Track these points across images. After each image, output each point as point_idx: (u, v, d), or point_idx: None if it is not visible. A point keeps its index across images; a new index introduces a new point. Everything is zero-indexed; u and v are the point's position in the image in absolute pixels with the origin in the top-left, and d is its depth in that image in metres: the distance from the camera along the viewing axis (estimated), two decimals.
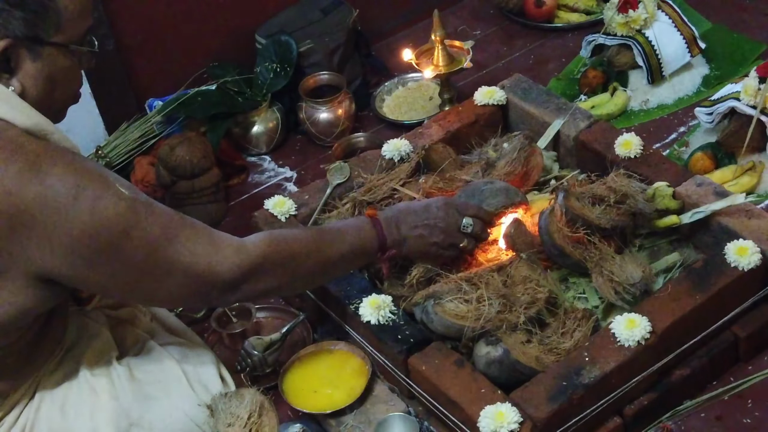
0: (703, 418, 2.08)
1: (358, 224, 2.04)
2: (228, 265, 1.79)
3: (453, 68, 2.89)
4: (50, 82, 1.77)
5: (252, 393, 1.83)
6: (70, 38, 1.77)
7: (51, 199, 1.65)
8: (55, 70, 1.77)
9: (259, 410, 1.80)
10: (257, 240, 1.86)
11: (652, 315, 2.01)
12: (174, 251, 1.75)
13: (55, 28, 1.74)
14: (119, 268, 1.72)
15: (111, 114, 2.96)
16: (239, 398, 1.81)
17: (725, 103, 2.59)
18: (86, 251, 1.68)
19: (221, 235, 1.82)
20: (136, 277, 1.75)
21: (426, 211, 2.10)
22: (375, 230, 2.03)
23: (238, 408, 1.79)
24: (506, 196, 2.26)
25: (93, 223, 1.66)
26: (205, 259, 1.77)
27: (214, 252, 1.78)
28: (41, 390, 1.91)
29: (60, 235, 1.66)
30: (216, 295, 1.82)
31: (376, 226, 2.04)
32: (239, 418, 1.78)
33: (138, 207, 1.72)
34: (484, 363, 2.02)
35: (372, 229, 2.03)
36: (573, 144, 2.51)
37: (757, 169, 2.56)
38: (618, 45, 2.96)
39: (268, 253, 1.85)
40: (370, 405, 2.17)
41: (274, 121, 3.00)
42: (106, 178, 1.71)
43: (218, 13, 3.08)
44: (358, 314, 2.13)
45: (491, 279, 2.11)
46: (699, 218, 2.22)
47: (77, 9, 1.76)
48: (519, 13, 3.36)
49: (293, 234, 1.96)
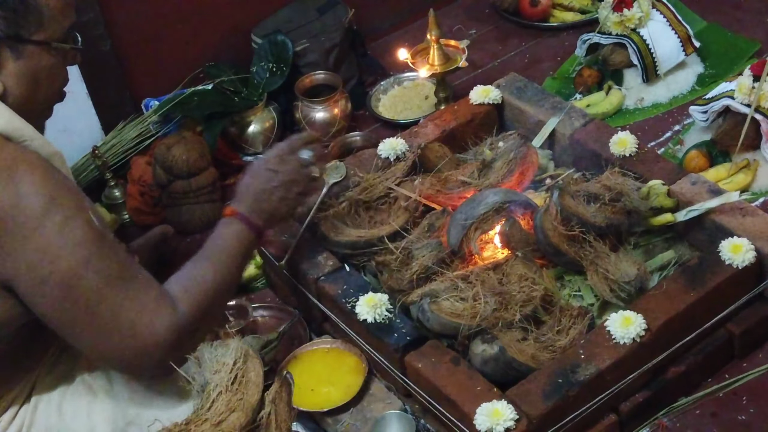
0: (698, 415, 2.09)
1: (233, 232, 1.96)
2: (166, 329, 1.73)
3: (448, 67, 2.90)
4: (33, 80, 1.76)
5: (236, 341, 1.85)
6: (52, 36, 1.75)
7: (24, 208, 1.62)
8: (38, 68, 1.76)
9: (244, 357, 1.81)
10: (178, 299, 1.78)
11: (647, 312, 2.02)
12: (124, 296, 1.69)
13: (36, 26, 1.72)
14: (69, 295, 1.66)
15: (107, 114, 2.97)
16: (224, 347, 1.83)
17: (720, 102, 2.59)
18: (44, 268, 1.64)
19: (164, 294, 1.75)
20: (80, 311, 1.68)
21: (269, 175, 2.05)
22: (247, 226, 1.98)
23: (224, 356, 1.81)
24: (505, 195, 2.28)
25: (58, 241, 1.63)
26: (149, 317, 1.71)
27: (157, 311, 1.72)
28: (38, 389, 1.90)
29: (25, 246, 1.62)
30: (151, 358, 1.73)
31: (246, 222, 1.98)
32: (225, 364, 1.80)
33: (103, 240, 1.68)
34: (480, 361, 2.03)
35: (245, 228, 1.98)
36: (568, 142, 2.52)
37: (752, 167, 2.57)
38: (613, 44, 2.97)
39: (191, 313, 1.78)
40: (367, 403, 2.17)
41: (271, 120, 3.01)
42: (82, 201, 1.68)
43: (214, 12, 3.08)
44: (355, 312, 2.14)
45: (487, 277, 2.12)
46: (694, 216, 2.23)
47: (59, 6, 1.74)
48: (514, 12, 3.37)
49: (197, 279, 1.84)
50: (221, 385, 1.77)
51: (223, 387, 1.77)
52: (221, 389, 1.77)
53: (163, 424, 1.76)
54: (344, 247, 2.34)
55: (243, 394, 1.77)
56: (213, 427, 1.72)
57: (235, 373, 1.79)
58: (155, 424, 1.78)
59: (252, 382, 1.79)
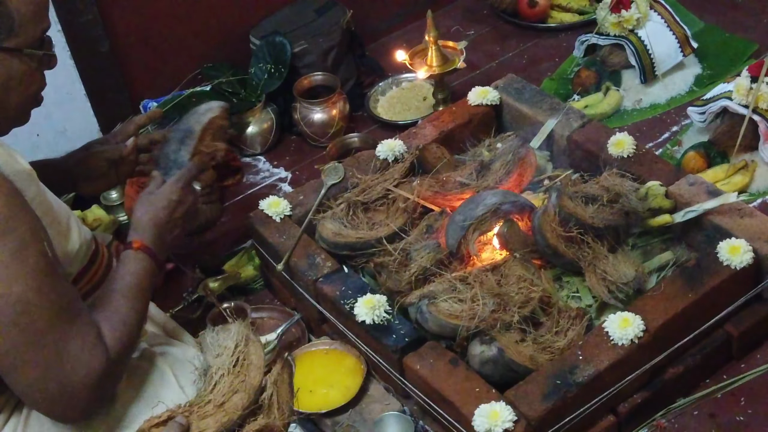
0: (697, 415, 2.09)
1: (143, 267, 1.90)
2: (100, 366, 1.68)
3: (447, 68, 2.90)
4: (4, 88, 1.73)
5: (237, 326, 1.86)
6: (24, 42, 1.72)
7: None
8: (9, 75, 1.72)
9: (245, 340, 1.83)
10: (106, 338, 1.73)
11: (646, 314, 2.02)
12: (70, 330, 1.65)
13: (7, 32, 1.69)
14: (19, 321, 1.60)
15: (106, 115, 2.97)
16: (226, 331, 1.85)
17: (717, 103, 2.60)
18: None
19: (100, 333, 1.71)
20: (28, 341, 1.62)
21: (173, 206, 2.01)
22: (154, 261, 1.93)
23: (226, 339, 1.82)
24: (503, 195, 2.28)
25: (11, 266, 1.59)
26: (87, 354, 1.67)
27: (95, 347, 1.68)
28: None
29: None
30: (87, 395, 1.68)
31: (152, 257, 1.92)
32: (226, 348, 1.81)
33: (55, 272, 1.65)
34: (479, 362, 2.03)
35: (152, 262, 1.92)
36: (566, 144, 2.52)
37: (749, 168, 2.57)
38: (611, 45, 2.97)
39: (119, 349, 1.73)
40: (366, 404, 2.18)
41: (269, 121, 3.01)
42: (37, 229, 1.65)
43: (212, 14, 3.08)
44: (353, 314, 2.14)
45: (485, 278, 2.12)
46: (691, 217, 2.23)
47: (31, 12, 1.71)
48: (512, 13, 3.37)
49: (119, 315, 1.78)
50: (223, 368, 1.79)
51: (225, 370, 1.79)
52: (223, 372, 1.79)
53: (166, 405, 1.77)
54: (343, 249, 2.34)
55: (245, 376, 1.78)
56: (216, 408, 1.74)
57: (236, 356, 1.81)
58: (159, 405, 1.78)
59: (254, 364, 1.81)
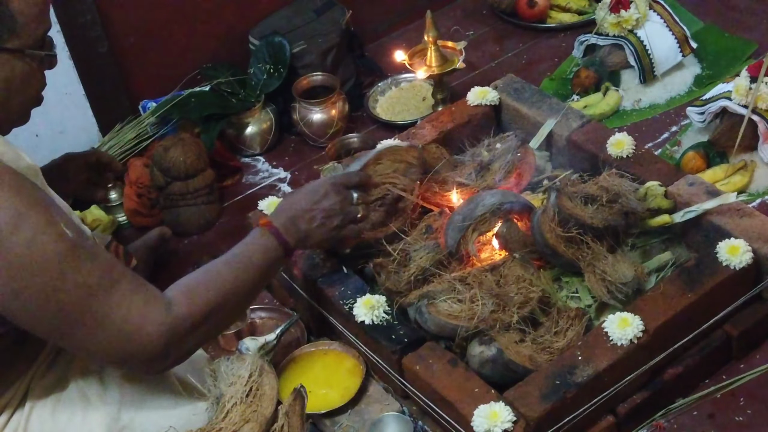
0: (696, 416, 2.09)
1: (261, 242, 1.94)
2: (157, 329, 1.70)
3: (446, 69, 2.90)
4: (6, 88, 1.73)
5: (252, 356, 1.88)
6: (25, 43, 1.73)
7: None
8: (11, 76, 1.73)
9: (259, 371, 1.84)
10: (176, 299, 1.75)
11: (645, 314, 2.02)
12: (108, 303, 1.67)
13: (8, 33, 1.70)
14: (47, 308, 1.64)
15: (105, 115, 2.97)
16: (240, 361, 1.86)
17: (717, 103, 2.60)
18: (16, 283, 1.61)
19: (155, 295, 1.73)
20: (63, 322, 1.66)
21: (317, 199, 2.06)
22: (277, 240, 1.96)
23: (240, 369, 1.84)
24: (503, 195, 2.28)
25: (28, 256, 1.61)
26: (138, 319, 1.69)
27: (147, 312, 1.69)
28: (32, 394, 1.88)
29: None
30: (144, 358, 1.71)
31: (276, 236, 1.97)
32: (240, 377, 1.83)
33: (79, 251, 1.66)
34: (478, 362, 2.03)
35: (274, 241, 1.96)
36: (565, 144, 2.52)
37: (749, 168, 2.57)
38: (610, 45, 2.97)
39: (189, 314, 1.75)
40: (365, 405, 2.18)
41: (268, 122, 3.01)
42: (51, 214, 1.65)
43: (211, 14, 3.08)
44: (353, 314, 2.14)
45: (484, 279, 2.12)
46: (691, 217, 2.23)
47: (32, 12, 1.72)
48: (511, 13, 3.37)
49: (206, 282, 1.82)
50: (236, 396, 1.80)
51: (237, 399, 1.80)
52: (236, 401, 1.80)
53: (176, 430, 1.77)
54: None
55: (257, 406, 1.80)
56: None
57: (250, 386, 1.82)
58: (170, 430, 1.79)
59: (266, 395, 1.82)
